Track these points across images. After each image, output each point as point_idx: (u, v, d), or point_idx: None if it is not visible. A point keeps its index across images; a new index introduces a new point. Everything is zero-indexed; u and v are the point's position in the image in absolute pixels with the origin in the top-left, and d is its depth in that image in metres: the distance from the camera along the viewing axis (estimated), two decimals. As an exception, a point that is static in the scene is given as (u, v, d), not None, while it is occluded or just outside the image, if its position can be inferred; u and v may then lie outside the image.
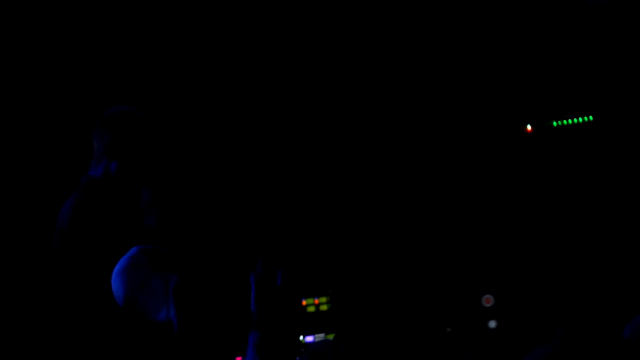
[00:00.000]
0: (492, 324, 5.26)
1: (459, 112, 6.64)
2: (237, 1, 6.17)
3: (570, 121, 6.52)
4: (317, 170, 6.68)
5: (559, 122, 6.54)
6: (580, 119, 6.50)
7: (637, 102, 6.36)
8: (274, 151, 6.62)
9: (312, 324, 6.52)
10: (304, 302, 6.56)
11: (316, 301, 6.54)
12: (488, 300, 5.37)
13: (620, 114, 6.43)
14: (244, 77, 6.49)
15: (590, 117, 6.47)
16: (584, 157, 6.57)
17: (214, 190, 6.56)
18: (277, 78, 6.55)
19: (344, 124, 6.69)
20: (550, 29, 6.40)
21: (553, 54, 6.42)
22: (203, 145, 6.50)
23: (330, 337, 6.44)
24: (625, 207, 6.49)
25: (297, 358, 4.42)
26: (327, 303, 6.53)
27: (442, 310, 6.11)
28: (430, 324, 5.94)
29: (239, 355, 6.10)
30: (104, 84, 5.96)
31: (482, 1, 6.34)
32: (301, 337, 6.45)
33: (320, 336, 6.46)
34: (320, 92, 6.55)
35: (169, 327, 3.71)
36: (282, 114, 6.60)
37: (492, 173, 6.68)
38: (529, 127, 6.62)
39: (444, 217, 6.69)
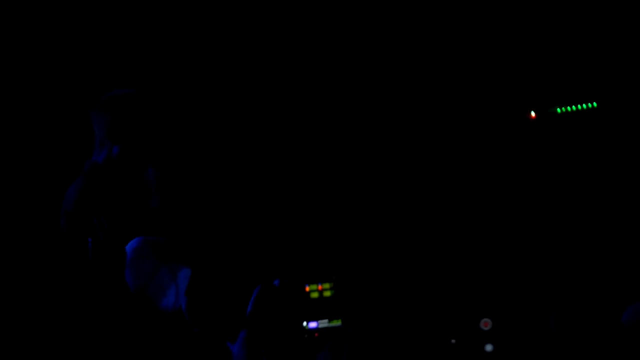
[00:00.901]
0: (489, 347, 5.27)
1: (463, 99, 6.63)
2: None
3: (573, 108, 6.51)
4: (323, 155, 6.67)
5: (563, 109, 6.53)
6: (584, 106, 6.49)
7: (641, 89, 6.36)
8: (278, 135, 6.61)
9: (316, 310, 6.52)
10: (308, 289, 6.56)
11: (320, 287, 6.54)
12: (486, 324, 5.36)
13: (623, 100, 6.42)
14: (247, 62, 6.48)
15: (594, 104, 6.46)
16: (587, 144, 6.56)
17: (217, 174, 6.55)
18: (276, 59, 6.54)
19: (346, 109, 6.68)
20: (554, 16, 6.38)
21: (557, 40, 6.40)
22: (207, 129, 6.49)
23: (334, 323, 6.44)
24: (628, 195, 6.49)
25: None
26: (330, 289, 6.53)
27: (445, 320, 6.07)
28: (434, 330, 5.92)
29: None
30: (103, 71, 5.95)
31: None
32: (305, 324, 6.44)
33: (324, 322, 6.46)
34: (318, 65, 6.53)
35: (177, 315, 3.72)
36: (287, 97, 6.59)
37: (495, 160, 6.67)
38: (532, 114, 6.60)
39: (447, 206, 6.68)
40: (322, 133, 6.69)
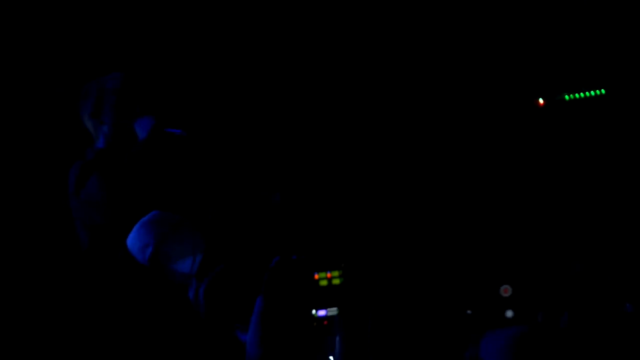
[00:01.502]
0: (509, 313, 5.25)
1: (471, 86, 6.58)
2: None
3: (582, 95, 6.52)
4: (333, 143, 6.51)
5: (571, 96, 6.54)
6: (593, 93, 6.51)
7: (650, 75, 6.43)
8: (285, 122, 6.44)
9: (325, 298, 6.26)
10: (317, 276, 6.31)
11: (329, 275, 6.29)
12: (506, 291, 5.34)
13: (632, 87, 6.47)
14: (245, 60, 6.35)
15: (603, 91, 6.49)
16: (596, 131, 6.57)
17: (225, 161, 6.33)
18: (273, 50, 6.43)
19: (353, 96, 6.56)
20: (562, 2, 6.44)
21: (565, 26, 6.44)
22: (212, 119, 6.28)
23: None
24: (636, 181, 6.49)
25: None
26: (339, 277, 6.29)
27: (461, 292, 5.96)
28: (449, 304, 5.77)
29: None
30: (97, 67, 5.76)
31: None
32: (313, 311, 6.18)
33: (332, 310, 6.20)
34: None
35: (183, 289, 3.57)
36: (291, 85, 6.45)
37: (503, 147, 6.61)
38: (540, 101, 6.59)
39: (457, 193, 6.57)
40: (329, 121, 6.54)
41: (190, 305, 3.67)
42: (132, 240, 3.49)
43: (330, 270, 6.32)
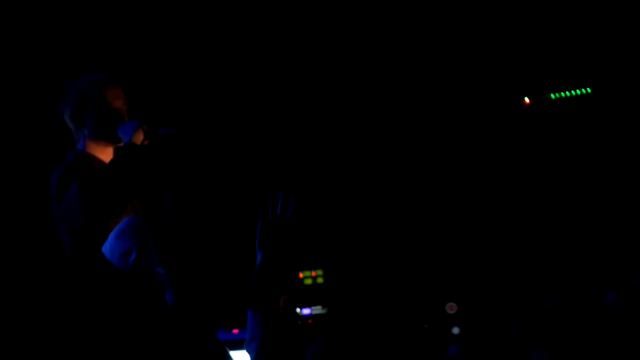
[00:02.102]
0: (456, 330, 5.30)
1: (456, 85, 6.57)
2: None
3: (568, 94, 6.52)
4: (316, 147, 6.49)
5: (557, 95, 6.53)
6: (579, 92, 6.51)
7: (635, 74, 6.41)
8: (272, 127, 6.43)
9: (309, 296, 6.23)
10: (301, 275, 6.28)
11: (313, 274, 6.26)
12: (452, 308, 5.38)
13: (618, 86, 6.47)
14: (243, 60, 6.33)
15: (589, 90, 6.48)
16: (582, 130, 6.56)
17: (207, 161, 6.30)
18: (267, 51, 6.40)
19: (336, 95, 6.53)
20: (547, 1, 6.43)
21: (551, 25, 6.44)
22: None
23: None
24: (623, 182, 6.49)
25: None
26: (323, 276, 6.27)
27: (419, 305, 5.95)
28: (407, 316, 5.79)
29: (236, 328, 5.83)
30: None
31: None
32: (298, 310, 6.15)
33: (317, 309, 6.18)
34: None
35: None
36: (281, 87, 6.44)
37: (489, 145, 6.60)
38: (526, 100, 6.58)
39: (438, 195, 6.57)
40: (310, 118, 6.52)
41: (169, 307, 3.65)
42: (112, 248, 3.46)
43: (315, 269, 6.30)
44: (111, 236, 3.45)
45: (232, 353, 3.69)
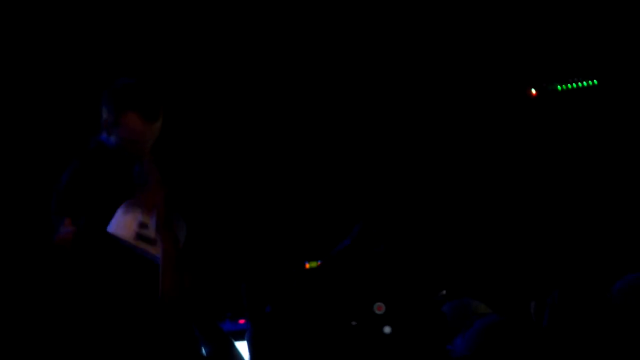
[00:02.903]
0: (387, 329, 5.28)
1: (464, 75, 6.57)
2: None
3: (574, 85, 6.52)
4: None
5: (564, 86, 6.53)
6: (585, 83, 6.51)
7: (641, 66, 6.42)
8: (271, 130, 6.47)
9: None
10: (307, 265, 6.31)
11: (307, 266, 6.31)
12: (380, 308, 5.37)
13: (624, 78, 6.46)
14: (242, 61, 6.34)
15: (595, 81, 6.48)
16: (588, 122, 6.56)
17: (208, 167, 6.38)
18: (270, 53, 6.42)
19: (336, 92, 6.55)
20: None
21: (558, 17, 6.43)
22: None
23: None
24: (628, 172, 6.49)
25: None
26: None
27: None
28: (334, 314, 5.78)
29: (242, 318, 5.83)
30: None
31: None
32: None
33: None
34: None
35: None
36: (280, 88, 6.45)
37: (495, 137, 6.61)
38: (533, 91, 6.59)
39: (440, 184, 6.58)
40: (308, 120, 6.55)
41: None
42: (117, 220, 3.46)
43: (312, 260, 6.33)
44: (118, 212, 3.45)
45: (238, 344, 3.68)
